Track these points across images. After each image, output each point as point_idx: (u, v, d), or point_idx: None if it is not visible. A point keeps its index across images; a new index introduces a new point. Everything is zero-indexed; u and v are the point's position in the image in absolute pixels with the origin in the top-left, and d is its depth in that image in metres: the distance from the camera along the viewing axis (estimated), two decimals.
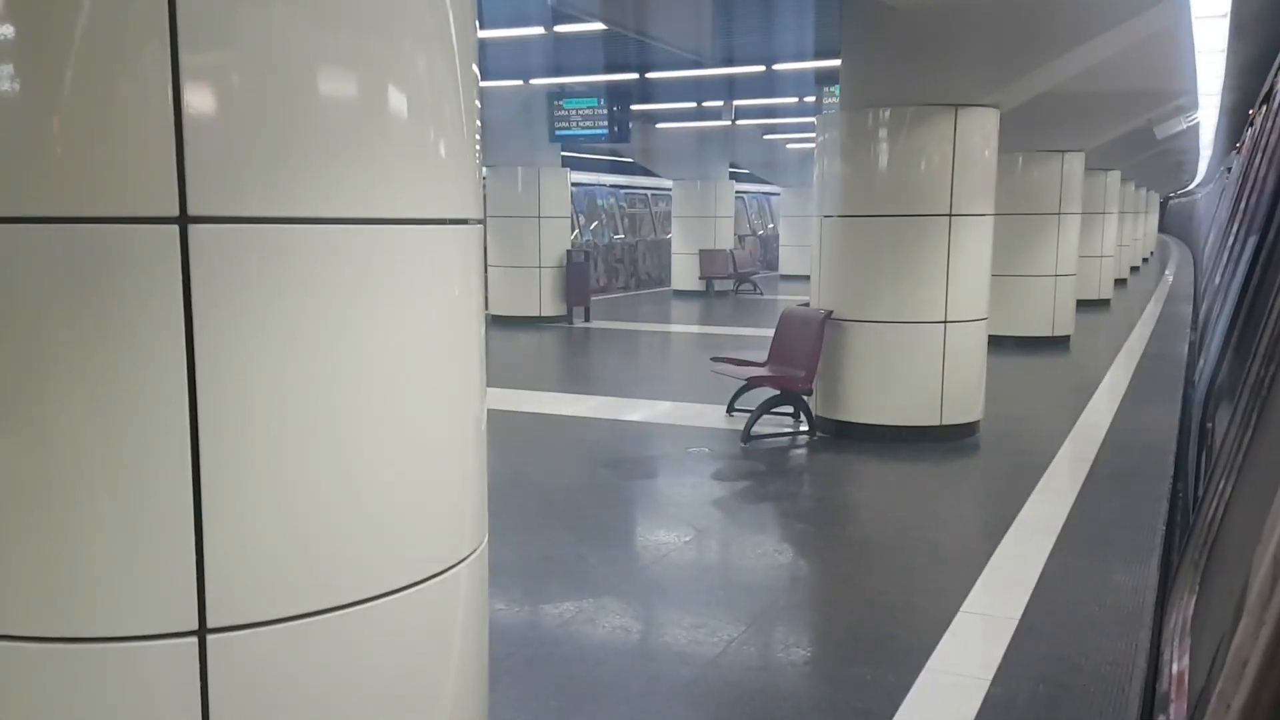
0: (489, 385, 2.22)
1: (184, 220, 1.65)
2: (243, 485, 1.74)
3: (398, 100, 1.87)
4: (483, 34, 9.48)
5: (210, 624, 1.75)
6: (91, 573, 1.70)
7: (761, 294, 20.83)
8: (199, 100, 1.64)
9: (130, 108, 1.62)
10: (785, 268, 25.14)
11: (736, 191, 22.85)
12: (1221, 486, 1.28)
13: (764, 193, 29.89)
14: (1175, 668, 1.05)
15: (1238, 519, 1.06)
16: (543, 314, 14.79)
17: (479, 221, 2.14)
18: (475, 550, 2.17)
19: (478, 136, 2.13)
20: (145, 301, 1.65)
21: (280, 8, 1.72)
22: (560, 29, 9.02)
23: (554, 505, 5.75)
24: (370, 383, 1.86)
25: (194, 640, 1.75)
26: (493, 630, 3.49)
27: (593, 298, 15.93)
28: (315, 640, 1.84)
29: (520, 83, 12.92)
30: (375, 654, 1.93)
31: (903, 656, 3.69)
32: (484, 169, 14.93)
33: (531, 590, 4.40)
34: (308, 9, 1.74)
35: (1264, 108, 8.63)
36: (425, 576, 1.99)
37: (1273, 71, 8.58)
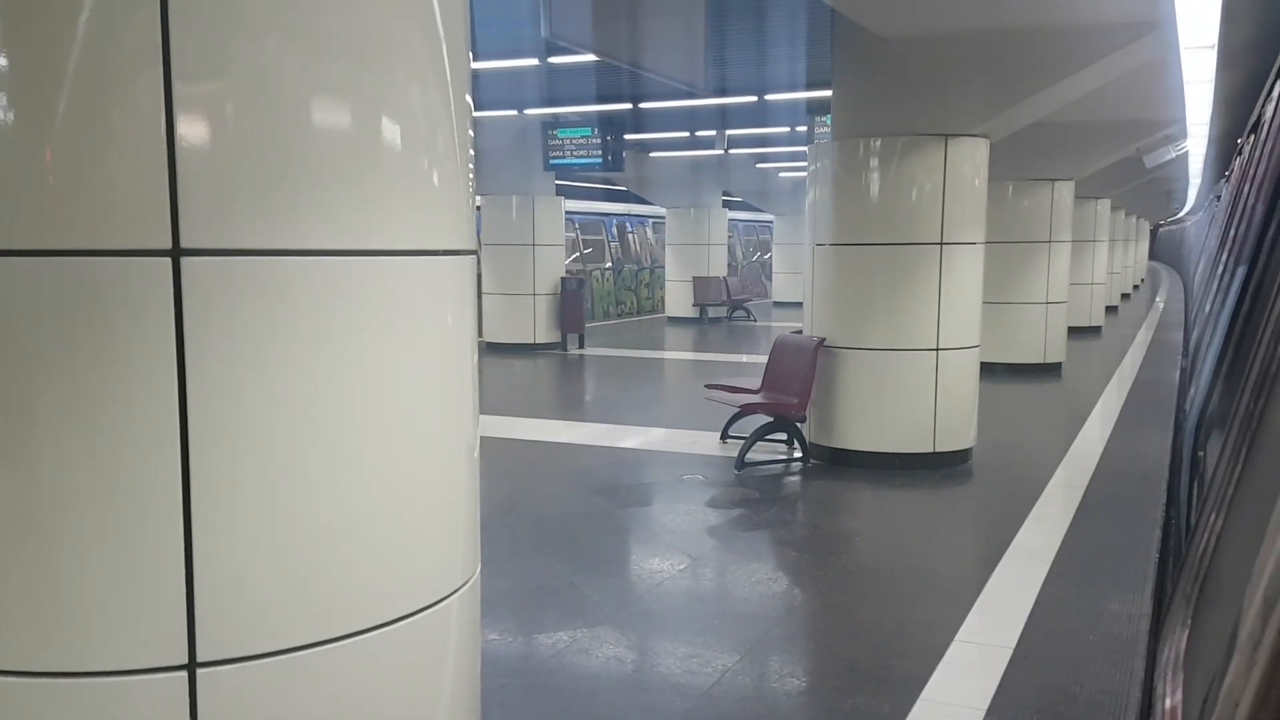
0: (483, 412, 2.22)
1: (176, 253, 1.65)
2: (234, 517, 1.73)
3: (391, 131, 1.88)
4: (478, 65, 9.54)
5: (200, 658, 1.74)
6: (80, 606, 1.68)
7: (755, 321, 20.87)
8: (192, 131, 1.65)
9: (123, 139, 1.62)
10: (779, 295, 25.22)
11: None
12: (1213, 520, 1.29)
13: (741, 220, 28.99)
14: (1168, 702, 1.04)
15: (1229, 554, 1.06)
16: (537, 341, 14.81)
17: (472, 252, 2.15)
18: (467, 581, 2.16)
19: (471, 167, 2.14)
20: (137, 334, 1.65)
21: (274, 38, 1.73)
22: (554, 60, 9.09)
23: (548, 533, 5.72)
24: (362, 414, 1.86)
25: (184, 675, 1.73)
26: (486, 660, 3.46)
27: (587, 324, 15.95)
28: (305, 674, 1.82)
29: (515, 113, 13.00)
30: (366, 687, 1.91)
31: (898, 686, 3.67)
32: (479, 197, 15.00)
33: (525, 620, 4.38)
34: (302, 40, 1.75)
35: (1252, 137, 8.71)
36: (417, 609, 1.98)
37: (1260, 101, 8.67)
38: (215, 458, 1.70)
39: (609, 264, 22.82)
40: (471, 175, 2.15)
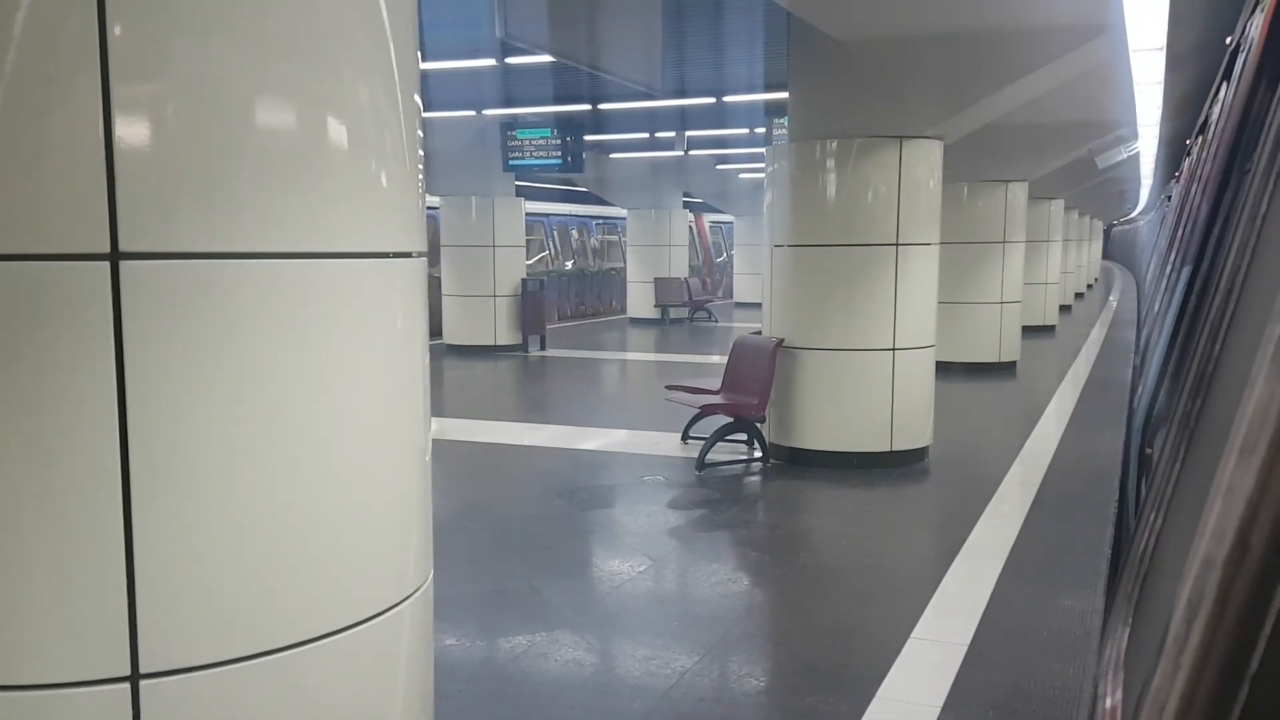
0: (443, 415, 2.20)
1: (115, 257, 1.62)
2: (176, 525, 1.70)
3: (338, 132, 1.86)
4: (434, 65, 9.47)
5: (143, 669, 1.70)
6: (20, 618, 1.64)
7: (716, 321, 20.93)
8: (131, 133, 1.61)
9: (60, 142, 1.59)
10: (740, 295, 25.35)
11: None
12: (1153, 519, 1.30)
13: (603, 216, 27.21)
14: (1108, 702, 1.06)
15: (1167, 554, 1.07)
16: (498, 343, 14.74)
17: (422, 254, 2.13)
18: (419, 588, 2.13)
19: (421, 168, 2.12)
20: (75, 340, 1.61)
21: (218, 39, 1.70)
22: (511, 61, 9.05)
23: (509, 536, 5.69)
24: (309, 419, 1.83)
25: (126, 687, 1.70)
26: (444, 665, 3.43)
27: (548, 326, 15.91)
28: (252, 685, 1.79)
29: (473, 113, 12.93)
30: (315, 697, 1.88)
31: (855, 685, 3.69)
32: (438, 198, 14.84)
33: (484, 624, 4.35)
34: (246, 40, 1.72)
35: (1200, 138, 8.87)
36: (367, 616, 1.95)
37: (1207, 103, 8.84)
38: (156, 465, 1.67)
39: None
40: (421, 177, 2.13)
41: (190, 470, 1.71)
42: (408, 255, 2.05)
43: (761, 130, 13.60)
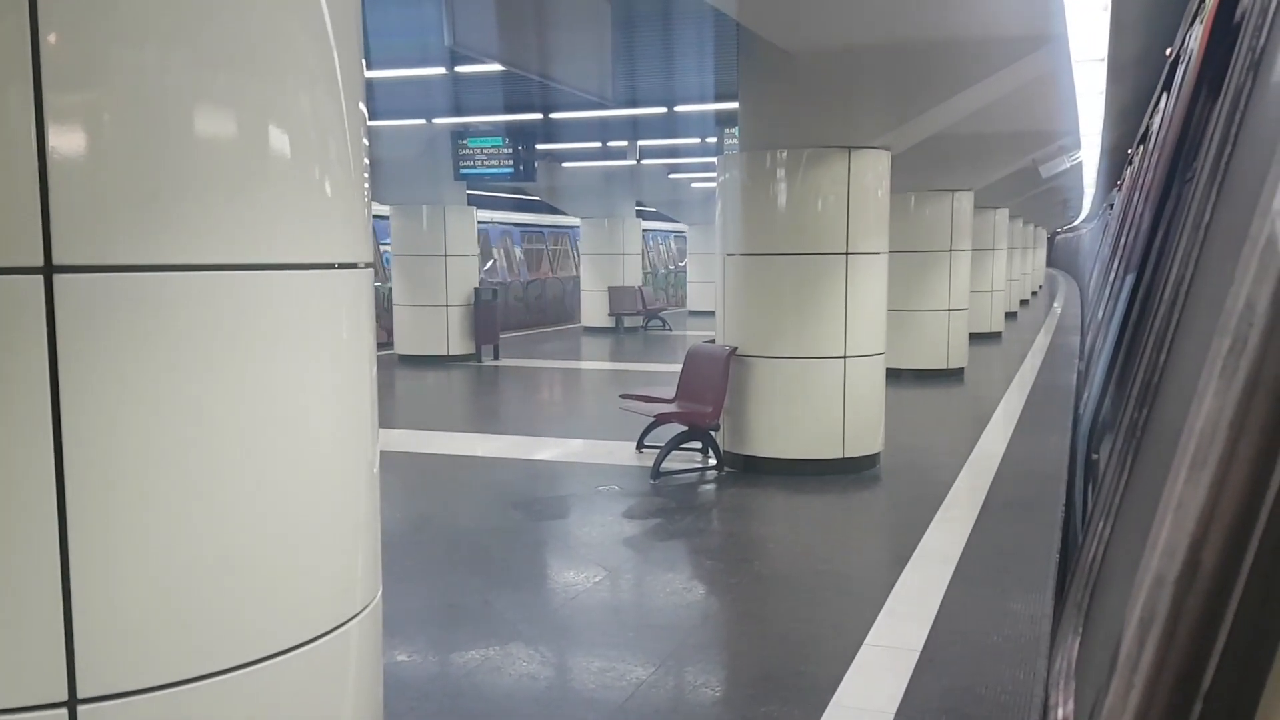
0: (394, 426, 2.16)
1: (49, 270, 1.57)
2: (113, 546, 1.65)
3: (280, 141, 1.82)
4: (383, 73, 9.38)
5: (81, 694, 1.65)
6: None
7: (670, 330, 20.98)
8: (65, 144, 1.57)
9: None
10: (693, 304, 25.45)
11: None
12: (1101, 527, 1.32)
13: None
14: (1060, 713, 1.06)
15: (1116, 564, 1.08)
16: (451, 353, 14.61)
17: (368, 265, 2.09)
18: (368, 606, 2.09)
19: (366, 178, 2.09)
20: (8, 356, 1.56)
21: (155, 47, 1.66)
22: (461, 69, 9.00)
23: (462, 549, 5.63)
24: (252, 435, 1.79)
25: (64, 712, 1.64)
26: (395, 682, 3.38)
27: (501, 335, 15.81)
28: (195, 708, 1.74)
29: (423, 122, 12.83)
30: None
31: (809, 692, 3.70)
32: (389, 207, 14.66)
33: (436, 639, 4.29)
34: (185, 48, 1.69)
35: (1141, 148, 9.06)
36: (313, 636, 1.91)
37: (1147, 113, 9.03)
38: (92, 484, 1.62)
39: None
40: (367, 187, 2.10)
41: (129, 488, 1.66)
42: (353, 266, 2.02)
43: (713, 140, 13.66)
